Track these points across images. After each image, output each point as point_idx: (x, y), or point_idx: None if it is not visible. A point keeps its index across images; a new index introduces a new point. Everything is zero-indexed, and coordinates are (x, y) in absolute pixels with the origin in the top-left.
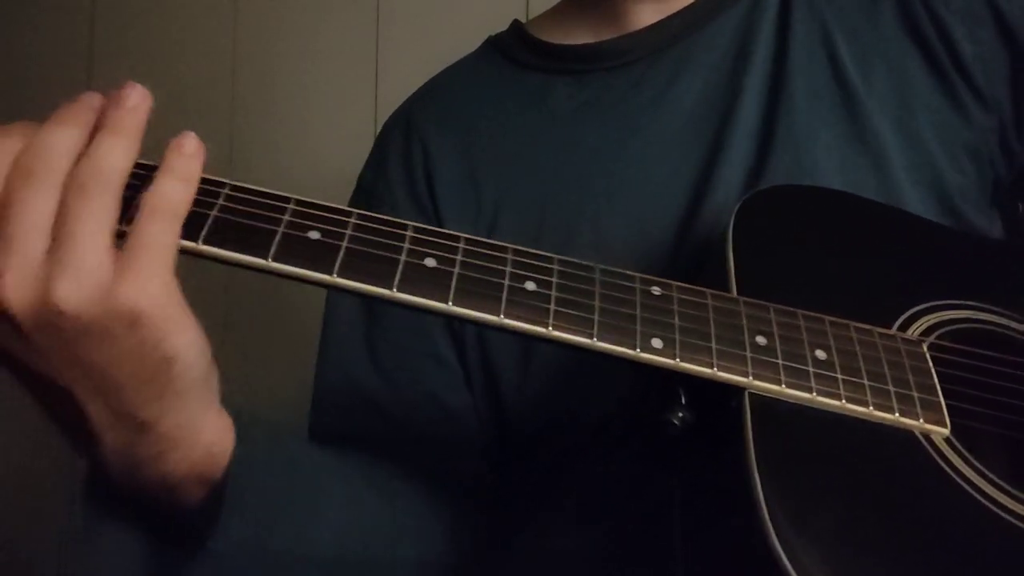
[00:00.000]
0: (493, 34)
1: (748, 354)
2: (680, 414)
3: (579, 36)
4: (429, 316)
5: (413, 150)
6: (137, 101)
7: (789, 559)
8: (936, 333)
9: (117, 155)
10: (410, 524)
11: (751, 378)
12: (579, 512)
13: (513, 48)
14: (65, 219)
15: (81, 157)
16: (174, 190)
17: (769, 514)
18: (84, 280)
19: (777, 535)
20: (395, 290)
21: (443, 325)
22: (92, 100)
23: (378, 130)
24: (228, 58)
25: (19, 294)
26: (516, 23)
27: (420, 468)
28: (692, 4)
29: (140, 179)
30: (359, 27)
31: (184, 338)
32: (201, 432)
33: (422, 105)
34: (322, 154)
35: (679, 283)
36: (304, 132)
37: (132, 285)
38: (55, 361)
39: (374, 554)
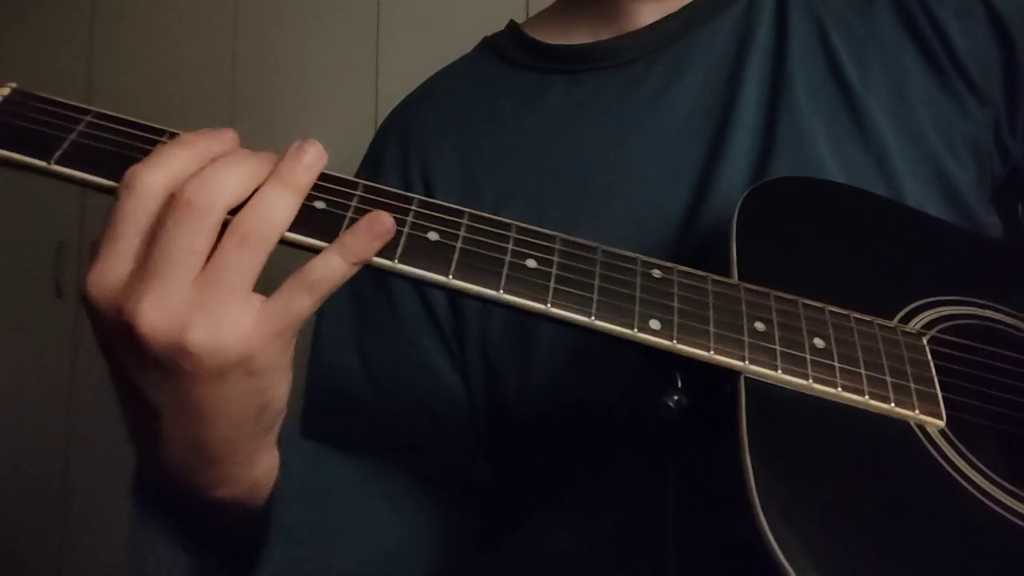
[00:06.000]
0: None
1: (746, 339)
2: (675, 397)
3: (576, 36)
4: (418, 325)
5: (410, 151)
6: (315, 159)
7: (779, 545)
8: (937, 327)
9: (283, 211)
10: (420, 535)
11: (747, 362)
12: (577, 509)
13: (508, 48)
14: (217, 265)
15: (246, 205)
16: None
17: (760, 500)
18: (224, 330)
19: (767, 521)
20: (397, 261)
21: (434, 335)
22: (268, 158)
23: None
24: (228, 58)
25: (155, 325)
26: (512, 23)
27: (418, 476)
28: (690, 3)
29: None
30: (359, 27)
31: (285, 388)
32: (255, 470)
33: (418, 106)
34: None
35: (680, 267)
36: (304, 131)
37: (261, 336)
38: (159, 385)
39: (393, 570)
